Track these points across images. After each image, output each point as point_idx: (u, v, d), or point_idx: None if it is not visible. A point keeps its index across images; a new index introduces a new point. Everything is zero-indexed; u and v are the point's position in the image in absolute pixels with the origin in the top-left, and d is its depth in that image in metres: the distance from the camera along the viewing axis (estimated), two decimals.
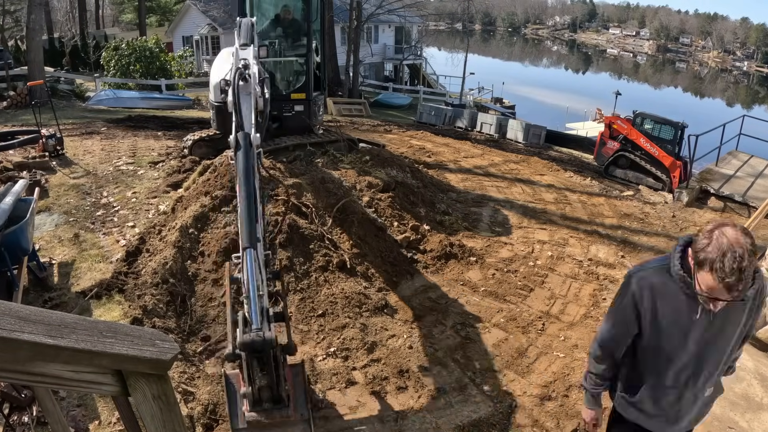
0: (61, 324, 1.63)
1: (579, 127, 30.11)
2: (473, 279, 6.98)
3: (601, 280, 7.22)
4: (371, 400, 4.73)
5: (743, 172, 13.12)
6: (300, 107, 9.42)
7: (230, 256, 4.45)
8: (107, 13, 58.06)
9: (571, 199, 10.68)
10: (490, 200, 10.07)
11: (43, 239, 7.23)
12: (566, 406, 4.79)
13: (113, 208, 8.34)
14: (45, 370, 1.63)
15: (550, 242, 8.30)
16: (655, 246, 8.52)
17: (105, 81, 22.37)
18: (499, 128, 21.16)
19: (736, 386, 4.96)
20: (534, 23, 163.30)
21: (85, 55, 28.09)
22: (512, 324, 6.02)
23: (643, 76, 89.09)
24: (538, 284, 7.00)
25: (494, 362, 5.35)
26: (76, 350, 1.60)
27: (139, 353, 1.73)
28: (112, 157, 10.92)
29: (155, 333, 1.86)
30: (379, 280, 6.63)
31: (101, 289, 5.85)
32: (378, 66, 44.06)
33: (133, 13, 53.12)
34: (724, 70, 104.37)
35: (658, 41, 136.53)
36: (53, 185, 9.03)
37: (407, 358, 5.29)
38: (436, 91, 38.98)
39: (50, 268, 6.48)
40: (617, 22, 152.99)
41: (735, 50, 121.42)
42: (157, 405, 1.87)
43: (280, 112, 9.28)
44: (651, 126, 15.72)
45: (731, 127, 14.11)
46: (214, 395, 4.51)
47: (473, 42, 67.73)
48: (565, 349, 5.62)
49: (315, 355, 5.25)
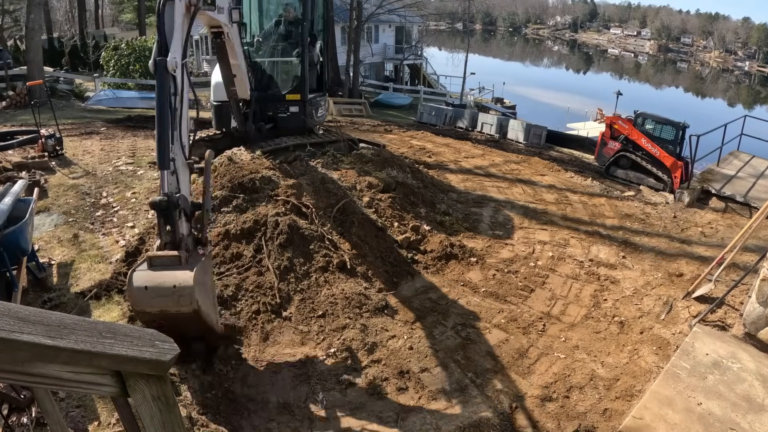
0: (60, 325, 1.63)
1: (580, 128, 30.08)
2: (474, 279, 6.98)
3: (602, 280, 7.22)
4: (371, 401, 4.73)
5: (744, 173, 13.11)
6: (295, 108, 9.40)
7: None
8: (107, 12, 58.05)
9: (572, 200, 10.68)
10: (490, 201, 10.07)
11: (43, 240, 7.23)
12: (567, 407, 4.79)
13: (113, 209, 8.34)
14: (44, 370, 1.63)
15: (550, 243, 8.30)
16: (657, 247, 8.52)
17: (104, 81, 22.36)
18: (499, 128, 21.13)
19: (737, 387, 4.96)
20: (535, 23, 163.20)
21: (85, 55, 28.08)
22: (513, 325, 6.02)
23: (645, 76, 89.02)
24: (539, 285, 7.00)
25: (495, 363, 5.35)
26: (75, 351, 1.60)
27: (139, 354, 1.73)
28: (111, 158, 10.93)
29: (155, 334, 1.87)
30: (379, 281, 6.62)
31: (100, 290, 5.85)
32: (378, 66, 44.04)
33: (132, 13, 53.10)
34: (726, 70, 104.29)
35: (660, 41, 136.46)
36: (52, 185, 9.03)
37: (407, 359, 5.29)
38: (436, 91, 38.93)
39: (49, 268, 6.48)
40: (618, 22, 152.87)
41: (736, 50, 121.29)
42: (157, 406, 1.87)
43: (275, 112, 9.28)
44: (652, 126, 15.69)
45: (733, 127, 14.09)
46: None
47: (474, 42, 67.71)
48: (565, 350, 5.62)
49: (315, 356, 5.25)
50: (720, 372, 5.19)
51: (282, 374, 5.01)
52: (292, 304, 5.90)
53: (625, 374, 5.30)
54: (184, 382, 4.66)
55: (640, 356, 5.59)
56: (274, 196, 7.28)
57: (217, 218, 6.88)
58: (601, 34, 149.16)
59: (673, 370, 5.17)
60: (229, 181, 7.39)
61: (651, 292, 6.97)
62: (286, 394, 4.78)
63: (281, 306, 5.91)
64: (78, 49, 29.59)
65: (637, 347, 5.74)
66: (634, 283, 7.21)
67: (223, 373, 4.90)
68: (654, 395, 4.81)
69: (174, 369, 4.69)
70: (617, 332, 6.01)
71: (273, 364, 5.12)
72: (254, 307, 5.82)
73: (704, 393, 4.87)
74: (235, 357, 5.13)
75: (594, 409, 4.78)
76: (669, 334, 6.02)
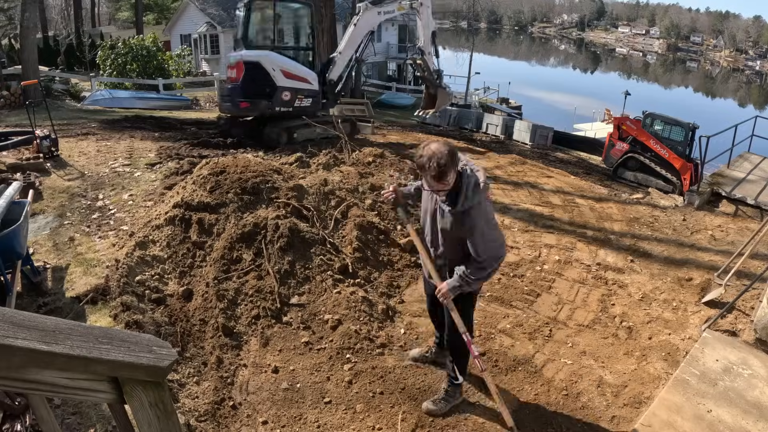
0: (55, 330, 1.64)
1: (587, 128, 30.13)
2: None
3: (609, 285, 7.21)
4: (374, 409, 4.73)
5: (755, 175, 13.08)
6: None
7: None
8: (103, 11, 58.20)
9: (578, 202, 10.67)
10: (495, 203, 10.06)
11: (38, 243, 7.25)
12: (574, 414, 4.78)
13: (109, 211, 8.35)
14: (39, 377, 1.63)
15: (557, 246, 8.30)
16: (665, 250, 8.51)
17: (101, 81, 22.44)
18: (505, 129, 21.13)
19: (747, 394, 4.95)
20: (541, 21, 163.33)
21: (81, 54, 28.18)
22: (518, 330, 6.01)
23: (653, 76, 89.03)
24: (545, 289, 6.99)
25: (500, 369, 5.35)
26: (71, 357, 1.61)
27: (136, 360, 1.73)
28: (108, 159, 10.95)
29: (152, 339, 1.87)
30: (382, 285, 6.62)
31: (97, 294, 5.85)
32: (381, 65, 44.11)
33: (129, 11, 53.28)
34: (736, 70, 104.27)
35: (669, 40, 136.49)
36: (48, 187, 9.05)
37: (408, 367, 5.29)
38: None
39: (44, 272, 6.49)
40: (626, 21, 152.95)
41: (747, 49, 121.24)
42: (154, 413, 1.87)
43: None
44: (661, 127, 15.70)
45: (743, 128, 14.05)
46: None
47: (478, 41, 67.68)
48: (572, 356, 5.61)
49: (316, 362, 5.25)
50: (730, 378, 5.18)
51: (282, 381, 5.01)
52: (292, 309, 5.90)
53: (633, 381, 5.29)
54: (182, 389, 4.67)
55: (648, 362, 5.58)
56: (274, 198, 7.29)
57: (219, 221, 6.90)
58: (609, 33, 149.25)
59: (683, 376, 5.16)
60: (232, 182, 7.41)
61: (659, 297, 6.96)
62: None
63: (281, 311, 5.91)
64: (74, 48, 29.72)
65: (646, 353, 5.73)
66: (642, 287, 7.20)
67: (222, 379, 4.91)
68: (663, 402, 4.81)
69: (172, 375, 4.69)
70: (625, 338, 6.00)
71: (273, 370, 5.12)
72: (254, 311, 5.82)
73: (714, 400, 4.86)
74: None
75: (602, 416, 4.77)
76: (678, 339, 6.01)
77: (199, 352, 5.29)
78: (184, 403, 4.50)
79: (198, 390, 4.72)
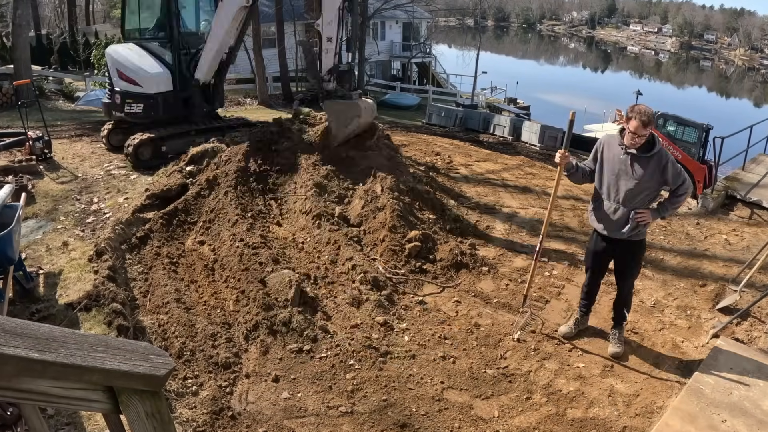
0: (48, 338, 1.64)
1: (598, 129, 30.05)
2: (486, 290, 6.97)
3: None
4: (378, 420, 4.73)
5: None
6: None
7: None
8: (98, 8, 58.26)
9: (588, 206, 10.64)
10: (503, 207, 10.06)
11: (30, 248, 7.26)
12: (585, 424, 4.77)
13: (104, 215, 8.37)
14: (32, 386, 1.63)
15: (566, 251, 8.28)
16: (678, 255, 8.49)
17: (95, 80, 22.44)
18: (512, 130, 21.12)
19: (763, 403, 4.93)
20: (550, 19, 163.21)
21: (75, 53, 28.18)
22: (527, 337, 6.00)
23: (666, 75, 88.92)
24: (555, 295, 6.98)
25: (507, 377, 5.34)
26: (64, 365, 1.61)
27: (132, 369, 1.73)
28: (102, 161, 10.97)
29: (148, 347, 1.87)
30: (385, 290, 6.62)
31: (91, 301, 5.86)
32: (385, 64, 44.07)
33: None
34: (752, 69, 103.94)
35: (682, 38, 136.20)
36: (41, 190, 9.07)
37: (411, 379, 5.29)
38: (446, 90, 38.92)
39: (37, 278, 6.50)
40: (638, 18, 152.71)
41: (763, 47, 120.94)
42: (151, 423, 1.87)
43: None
44: (674, 128, 15.65)
45: (759, 129, 13.99)
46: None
47: (485, 39, 67.78)
48: (582, 364, 5.60)
49: (317, 369, 5.25)
50: (745, 387, 5.16)
51: (283, 388, 5.01)
52: (293, 316, 5.90)
53: (645, 390, 5.28)
54: (180, 398, 4.67)
55: (660, 371, 5.57)
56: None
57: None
58: (620, 31, 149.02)
59: (696, 385, 5.14)
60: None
61: (672, 304, 6.95)
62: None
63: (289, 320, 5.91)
64: (67, 46, 29.71)
65: (658, 361, 5.72)
66: (654, 293, 7.18)
67: (221, 388, 4.91)
68: (676, 412, 4.79)
69: (169, 384, 4.69)
70: (636, 345, 5.99)
71: (273, 378, 5.12)
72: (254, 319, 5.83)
73: (729, 410, 4.84)
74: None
75: (613, 426, 4.76)
76: (691, 347, 6.00)
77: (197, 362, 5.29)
78: (181, 413, 4.51)
79: (196, 400, 4.72)
